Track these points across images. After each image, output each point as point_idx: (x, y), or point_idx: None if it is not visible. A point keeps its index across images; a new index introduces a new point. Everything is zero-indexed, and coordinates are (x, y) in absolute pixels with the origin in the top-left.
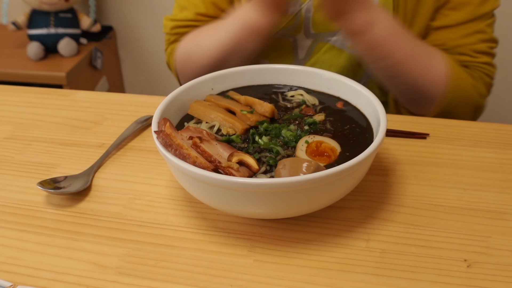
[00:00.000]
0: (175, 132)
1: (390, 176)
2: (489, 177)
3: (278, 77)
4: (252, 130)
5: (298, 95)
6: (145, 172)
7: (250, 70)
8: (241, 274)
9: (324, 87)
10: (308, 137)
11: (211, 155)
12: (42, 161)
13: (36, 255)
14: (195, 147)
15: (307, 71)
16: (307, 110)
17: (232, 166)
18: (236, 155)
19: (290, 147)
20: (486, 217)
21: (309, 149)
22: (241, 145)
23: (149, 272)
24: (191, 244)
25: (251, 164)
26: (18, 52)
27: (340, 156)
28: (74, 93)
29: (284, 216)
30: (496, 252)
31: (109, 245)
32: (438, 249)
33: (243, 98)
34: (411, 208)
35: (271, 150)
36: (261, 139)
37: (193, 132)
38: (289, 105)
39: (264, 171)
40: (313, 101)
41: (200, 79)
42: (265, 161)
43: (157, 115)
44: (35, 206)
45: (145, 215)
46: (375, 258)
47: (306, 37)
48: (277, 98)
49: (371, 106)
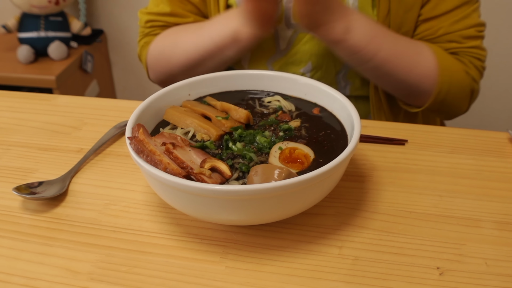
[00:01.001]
0: (148, 138)
1: (366, 183)
2: (466, 184)
3: (256, 83)
4: (226, 136)
5: (275, 101)
6: (122, 177)
7: (227, 76)
8: (213, 280)
9: (301, 93)
10: (282, 143)
11: (183, 161)
12: (19, 166)
13: (10, 260)
14: (168, 153)
15: (284, 76)
16: (283, 116)
17: (204, 173)
18: (209, 161)
19: (263, 153)
20: (461, 224)
21: (283, 155)
22: (215, 151)
23: (121, 278)
24: (164, 250)
25: (223, 170)
26: (8, 55)
27: (313, 162)
28: (55, 98)
29: (257, 223)
30: (469, 260)
31: (82, 251)
32: (411, 257)
33: (220, 104)
34: (386, 215)
35: (244, 156)
36: (235, 145)
37: (167, 138)
38: (266, 111)
39: (237, 177)
40: (290, 107)
41: (177, 85)
42: (238, 167)
43: (132, 121)
44: (10, 211)
45: (120, 220)
46: (347, 265)
47: (287, 28)
48: (253, 104)
49: (346, 111)
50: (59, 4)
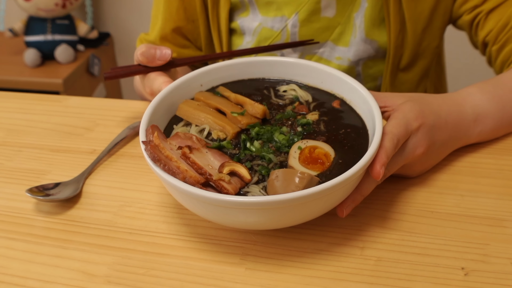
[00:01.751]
0: (164, 142)
1: (386, 182)
2: (487, 183)
3: (270, 70)
4: (243, 136)
5: (291, 90)
6: (136, 178)
7: (240, 64)
8: (233, 283)
9: (318, 81)
10: (301, 142)
11: (202, 167)
12: (32, 167)
13: (24, 263)
14: (185, 158)
15: (301, 63)
16: (300, 108)
17: (224, 179)
18: (227, 165)
19: (283, 152)
20: (484, 224)
21: (302, 156)
22: (233, 151)
23: (139, 281)
24: (182, 252)
25: (243, 175)
26: (15, 59)
27: (334, 162)
28: (67, 99)
29: (277, 227)
30: (494, 260)
31: (98, 253)
32: (434, 257)
33: (234, 96)
34: (407, 215)
35: (263, 157)
36: (253, 145)
37: (183, 139)
38: (282, 103)
39: (257, 181)
40: (306, 97)
41: (189, 76)
42: (258, 170)
43: (145, 122)
44: (24, 213)
45: (136, 222)
46: (370, 266)
47: (293, 51)
48: (269, 93)
49: (366, 104)
50: (66, 7)
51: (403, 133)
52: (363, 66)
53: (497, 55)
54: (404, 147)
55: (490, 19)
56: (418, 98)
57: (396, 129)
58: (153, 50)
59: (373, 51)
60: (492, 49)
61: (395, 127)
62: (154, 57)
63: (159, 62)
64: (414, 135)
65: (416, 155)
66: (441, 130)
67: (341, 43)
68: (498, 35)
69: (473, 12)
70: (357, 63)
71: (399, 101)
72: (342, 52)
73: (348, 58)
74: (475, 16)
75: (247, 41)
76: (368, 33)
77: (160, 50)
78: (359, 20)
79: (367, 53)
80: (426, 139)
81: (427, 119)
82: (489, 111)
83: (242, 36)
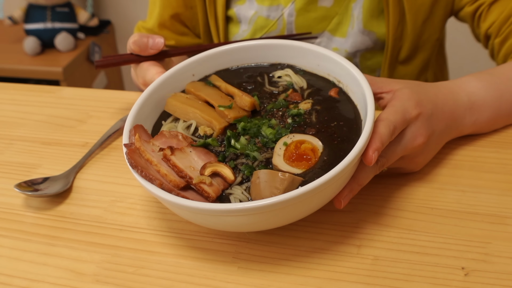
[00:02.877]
0: (146, 144)
1: (384, 177)
2: (489, 179)
3: (265, 54)
4: (228, 132)
5: (286, 76)
6: (129, 173)
7: (234, 49)
8: (225, 282)
9: (314, 64)
10: (287, 137)
11: (182, 170)
12: (23, 161)
13: (11, 261)
14: (166, 161)
15: (295, 46)
16: (293, 96)
17: (204, 181)
18: (209, 166)
19: (269, 148)
20: (485, 221)
21: (288, 152)
22: (218, 149)
23: (128, 280)
24: (173, 250)
25: (226, 176)
26: (15, 47)
27: (320, 158)
28: (59, 90)
29: (264, 229)
30: (495, 260)
31: (87, 251)
32: (434, 256)
33: (224, 86)
34: (406, 211)
35: (247, 155)
36: (238, 142)
37: (167, 138)
38: (275, 91)
39: (240, 181)
40: (301, 83)
41: (179, 66)
42: (241, 170)
43: (129, 122)
44: (12, 209)
45: (127, 218)
46: (367, 265)
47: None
48: (262, 80)
49: (359, 87)
50: None
51: (400, 121)
52: (360, 57)
53: (500, 48)
54: (403, 136)
55: (493, 11)
56: (415, 86)
57: (393, 116)
58: (145, 39)
59: (371, 42)
60: (494, 41)
61: (392, 114)
62: (147, 46)
63: (152, 51)
64: (413, 124)
65: (416, 145)
66: (439, 119)
67: (338, 34)
68: (501, 28)
69: (475, 3)
70: (354, 54)
71: (395, 86)
72: (339, 43)
73: (345, 49)
74: (477, 7)
75: (243, 30)
76: (366, 24)
77: (152, 39)
78: (357, 11)
79: (365, 45)
80: (425, 128)
81: (425, 108)
82: (485, 99)
83: (238, 25)
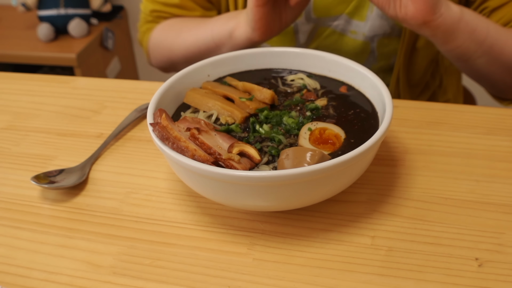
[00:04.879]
0: (172, 124)
1: (398, 167)
2: (504, 168)
3: (277, 60)
4: (252, 119)
5: (298, 79)
6: (144, 164)
7: (248, 55)
8: (240, 274)
9: (325, 70)
10: (311, 124)
11: (211, 147)
12: (39, 152)
13: (29, 253)
14: (193, 139)
15: (307, 53)
16: (308, 95)
17: (233, 158)
18: (237, 146)
19: (292, 135)
20: (499, 211)
21: (313, 136)
22: (241, 135)
23: (144, 272)
24: (188, 241)
25: (252, 155)
26: (28, 33)
27: (344, 142)
28: (74, 80)
29: (287, 208)
30: (509, 250)
31: (104, 243)
32: (448, 247)
33: (241, 84)
34: (420, 201)
35: (272, 139)
36: (262, 128)
37: (191, 122)
38: (289, 90)
39: (267, 161)
40: (314, 85)
41: (196, 66)
42: (267, 151)
43: (152, 106)
44: (29, 201)
45: (142, 210)
46: (380, 256)
47: (307, 22)
48: (276, 83)
49: (376, 89)
50: None
51: None
52: (378, 43)
53: None
54: None
55: (493, 16)
56: None
57: None
58: None
59: (389, 27)
60: None
61: None
62: None
63: None
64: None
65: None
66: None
67: (356, 17)
68: None
69: (480, 7)
70: (372, 39)
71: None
72: (358, 27)
73: (363, 33)
74: (480, 11)
75: None
76: None
77: None
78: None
79: (383, 29)
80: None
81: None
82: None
83: None
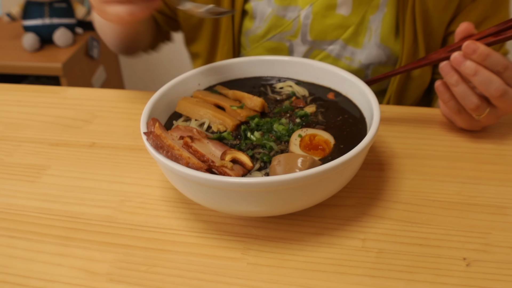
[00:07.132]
0: (165, 133)
1: (387, 171)
2: (488, 170)
3: (266, 68)
4: (243, 126)
5: (287, 87)
6: (137, 172)
7: (237, 63)
8: (235, 278)
9: (313, 77)
10: (301, 130)
11: (204, 155)
12: (32, 162)
13: (26, 262)
14: (187, 147)
15: (295, 61)
16: (298, 102)
17: (226, 165)
18: (229, 153)
19: (283, 141)
20: (486, 212)
21: (303, 143)
22: (233, 142)
23: (141, 278)
24: (183, 247)
25: (245, 162)
26: (14, 43)
27: (334, 148)
28: (65, 90)
29: (280, 213)
30: (496, 250)
31: (100, 251)
32: (436, 248)
33: (232, 93)
34: (408, 204)
35: (264, 146)
36: (253, 135)
37: (183, 131)
38: (279, 98)
39: (259, 168)
40: (303, 92)
41: (187, 75)
42: (259, 158)
43: (145, 116)
44: (24, 210)
45: (136, 217)
46: (371, 258)
47: (303, 44)
48: (265, 90)
49: (363, 95)
50: None
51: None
52: (372, 70)
53: None
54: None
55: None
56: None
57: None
58: None
59: (385, 57)
60: None
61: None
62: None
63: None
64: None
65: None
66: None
67: (352, 44)
68: None
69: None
70: (367, 66)
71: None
72: (353, 53)
73: (360, 60)
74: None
75: (256, 26)
76: (383, 39)
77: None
78: (375, 24)
79: (379, 59)
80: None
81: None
82: None
83: (252, 20)
